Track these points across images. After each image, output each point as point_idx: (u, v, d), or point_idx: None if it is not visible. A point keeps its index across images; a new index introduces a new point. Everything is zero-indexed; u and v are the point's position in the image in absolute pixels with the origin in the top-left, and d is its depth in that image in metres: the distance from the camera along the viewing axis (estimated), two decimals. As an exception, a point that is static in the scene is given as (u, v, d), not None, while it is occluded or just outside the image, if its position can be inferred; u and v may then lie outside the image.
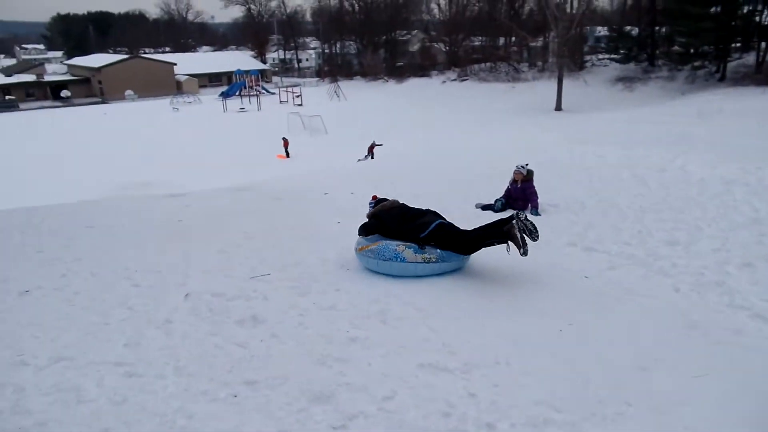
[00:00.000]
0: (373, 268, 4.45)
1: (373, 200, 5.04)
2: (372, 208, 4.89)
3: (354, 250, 4.71)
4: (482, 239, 4.26)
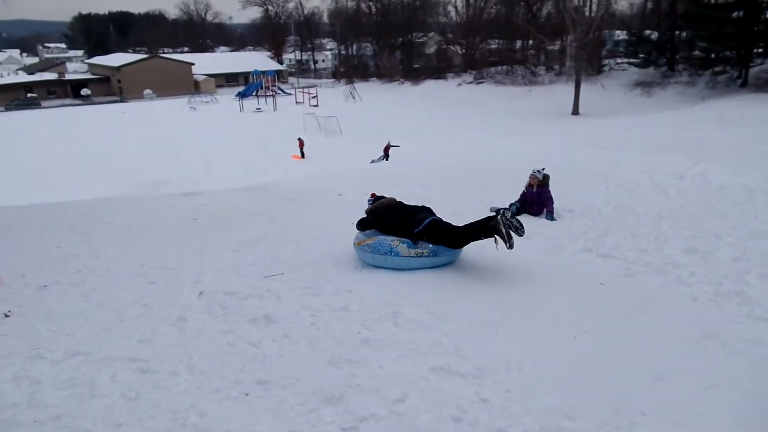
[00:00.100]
0: (370, 262, 4.68)
1: (371, 197, 5.27)
2: (370, 204, 5.13)
3: (353, 245, 4.86)
4: (471, 234, 4.53)
